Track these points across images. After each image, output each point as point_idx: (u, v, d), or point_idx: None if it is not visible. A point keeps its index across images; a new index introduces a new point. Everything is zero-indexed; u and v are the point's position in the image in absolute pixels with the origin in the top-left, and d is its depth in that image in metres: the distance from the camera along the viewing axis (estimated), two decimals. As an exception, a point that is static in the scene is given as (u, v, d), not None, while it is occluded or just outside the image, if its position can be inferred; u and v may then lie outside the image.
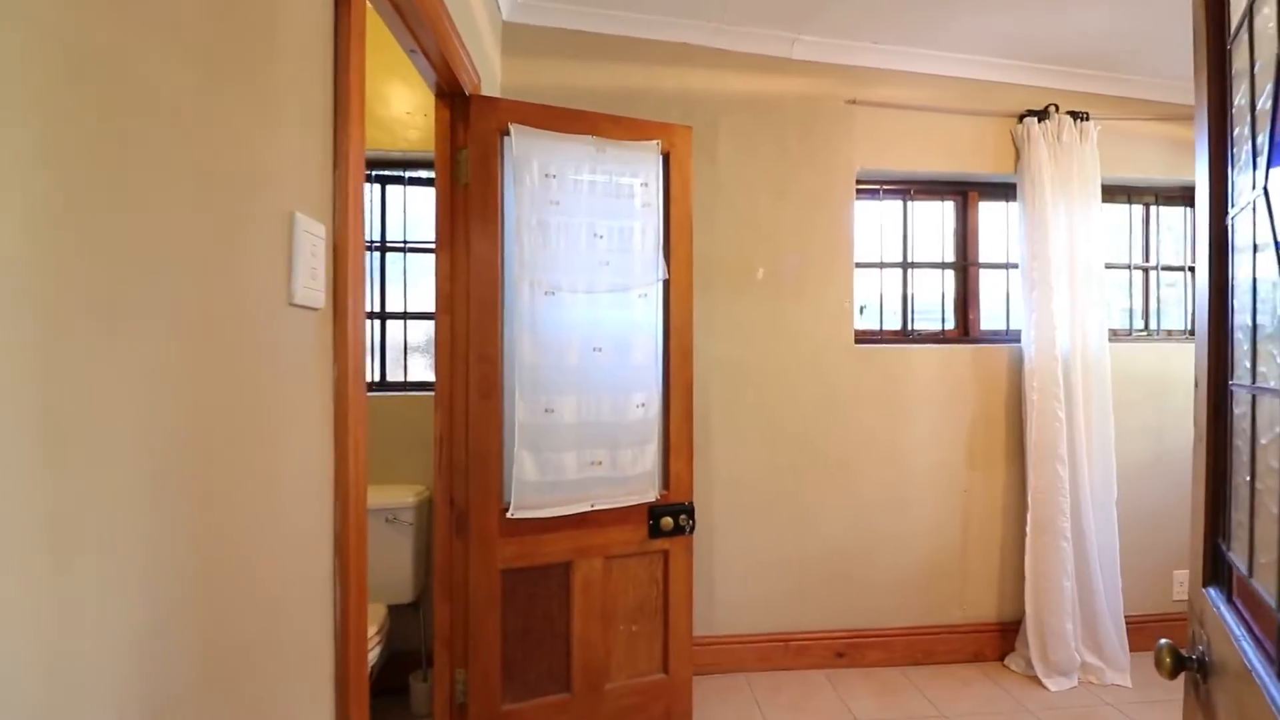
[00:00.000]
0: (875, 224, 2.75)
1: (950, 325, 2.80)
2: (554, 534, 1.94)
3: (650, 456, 2.04)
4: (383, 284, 2.59)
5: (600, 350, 1.98)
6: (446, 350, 1.88)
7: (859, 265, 2.67)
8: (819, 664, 2.57)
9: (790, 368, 2.54)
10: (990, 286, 2.82)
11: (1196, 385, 0.97)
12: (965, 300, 2.80)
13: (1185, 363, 2.86)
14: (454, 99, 1.87)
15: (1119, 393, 2.60)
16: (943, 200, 2.80)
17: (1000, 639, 2.67)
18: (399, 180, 2.59)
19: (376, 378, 2.59)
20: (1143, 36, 2.38)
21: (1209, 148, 0.88)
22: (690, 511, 2.08)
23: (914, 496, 2.63)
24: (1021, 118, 2.61)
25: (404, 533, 2.22)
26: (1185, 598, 2.99)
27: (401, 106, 2.47)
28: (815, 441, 2.56)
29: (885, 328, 2.76)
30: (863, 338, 2.68)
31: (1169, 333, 2.92)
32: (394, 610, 2.23)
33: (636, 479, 2.03)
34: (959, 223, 2.82)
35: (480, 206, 1.86)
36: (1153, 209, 2.91)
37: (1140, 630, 2.62)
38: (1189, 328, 2.93)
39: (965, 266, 2.80)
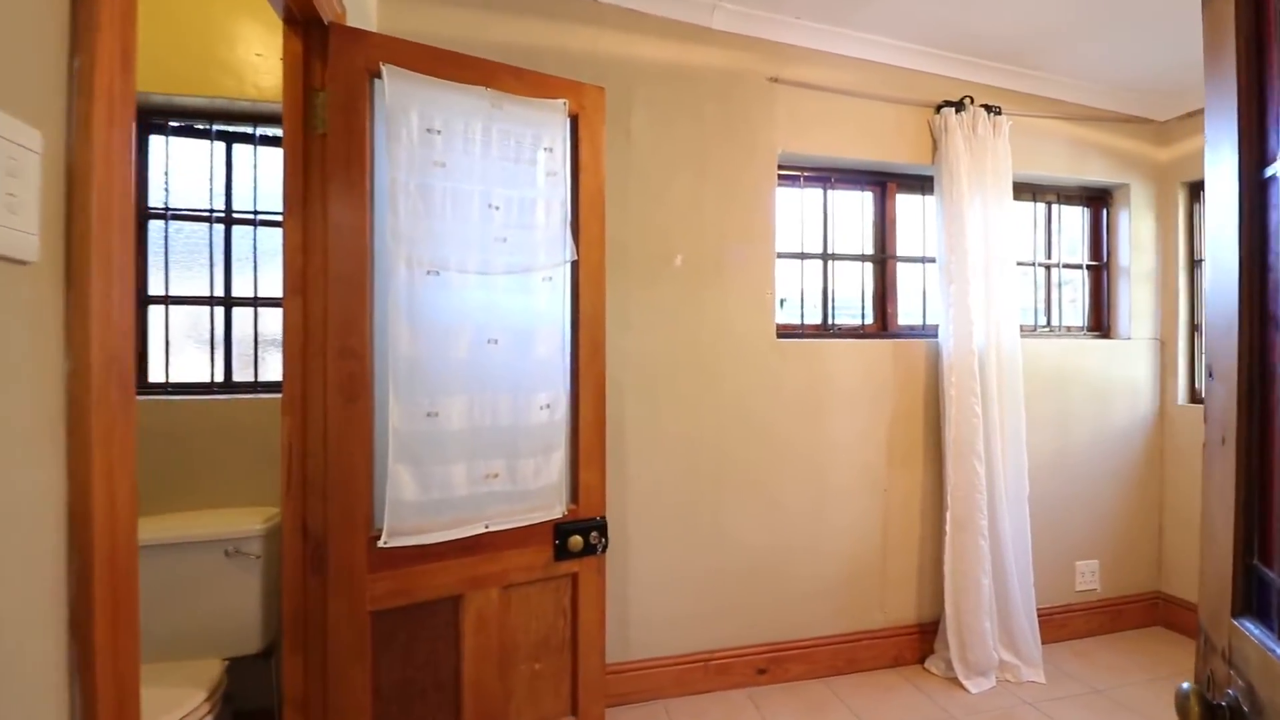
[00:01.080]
0: (796, 212, 2.61)
1: (869, 320, 2.71)
2: (440, 563, 1.61)
3: (556, 466, 1.75)
4: (227, 264, 2.13)
5: (496, 342, 1.67)
6: (298, 341, 1.50)
7: (780, 255, 2.51)
8: (741, 682, 2.38)
9: (711, 363, 2.34)
10: (906, 281, 2.76)
11: (1213, 376, 0.82)
12: (884, 294, 2.72)
13: (1084, 359, 2.95)
14: (308, 28, 1.50)
15: (1025, 387, 2.61)
16: (862, 190, 2.71)
17: (920, 641, 2.60)
18: (247, 139, 2.14)
19: (220, 377, 2.13)
20: (1054, 32, 2.38)
21: (1239, 78, 0.73)
22: (603, 528, 1.82)
23: (836, 498, 2.50)
24: (939, 108, 2.56)
25: (249, 568, 1.81)
26: (1089, 588, 3.13)
27: (250, 47, 2.04)
28: (737, 443, 2.37)
29: (806, 322, 2.62)
30: (785, 331, 2.53)
31: (1068, 329, 3.00)
32: (239, 664, 1.80)
33: (540, 493, 1.73)
34: (878, 214, 2.73)
35: (342, 162, 1.50)
36: (1054, 208, 2.97)
37: (1047, 622, 2.64)
38: (1086, 324, 3.02)
39: (884, 259, 2.72)
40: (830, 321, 2.65)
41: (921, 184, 2.73)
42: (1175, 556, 2.91)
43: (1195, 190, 2.91)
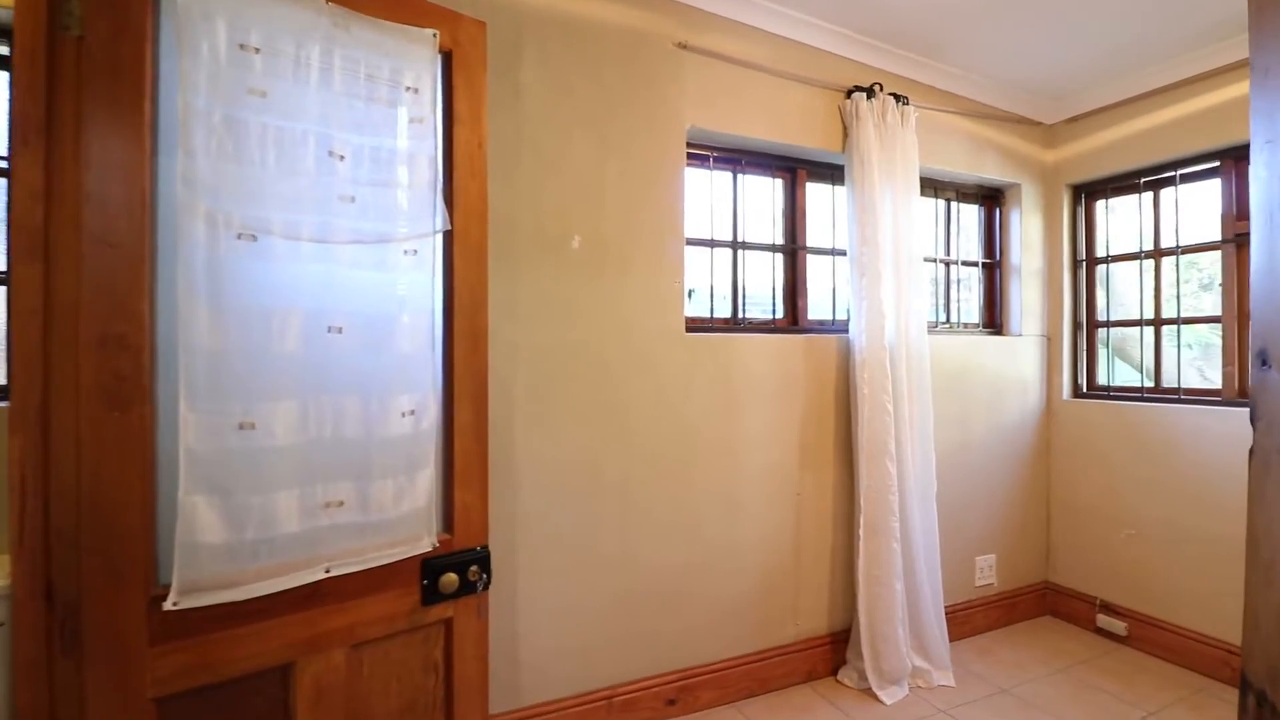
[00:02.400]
0: (705, 196, 2.39)
1: (780, 314, 2.56)
2: (260, 624, 1.22)
3: (424, 487, 1.40)
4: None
5: (340, 331, 1.30)
6: (35, 328, 1.06)
7: (690, 242, 2.28)
8: (649, 717, 2.12)
9: (615, 359, 2.06)
10: (816, 274, 2.63)
11: (1268, 363, 0.65)
12: (795, 287, 2.57)
13: (981, 355, 2.95)
14: (51, -118, 1.06)
15: (930, 384, 2.55)
16: (773, 177, 2.54)
17: (832, 651, 2.47)
18: (-3, 58, 1.60)
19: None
20: (959, 11, 2.32)
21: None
22: (484, 560, 1.48)
23: (750, 507, 2.31)
24: (850, 93, 2.44)
25: (-23, 645, 1.29)
26: (987, 583, 3.16)
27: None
28: (644, 450, 2.11)
29: (716, 315, 2.41)
30: (694, 325, 2.30)
31: (965, 326, 3.01)
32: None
33: (402, 522, 1.37)
34: (788, 203, 2.58)
35: (107, 75, 1.08)
36: (953, 205, 2.97)
37: (951, 620, 2.60)
38: (981, 322, 3.05)
39: (795, 250, 2.57)
40: (741, 315, 2.46)
41: (831, 173, 2.62)
42: (1061, 546, 3.00)
43: (1078, 192, 3.02)
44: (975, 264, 3.03)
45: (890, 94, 2.47)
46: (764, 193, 2.54)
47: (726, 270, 2.45)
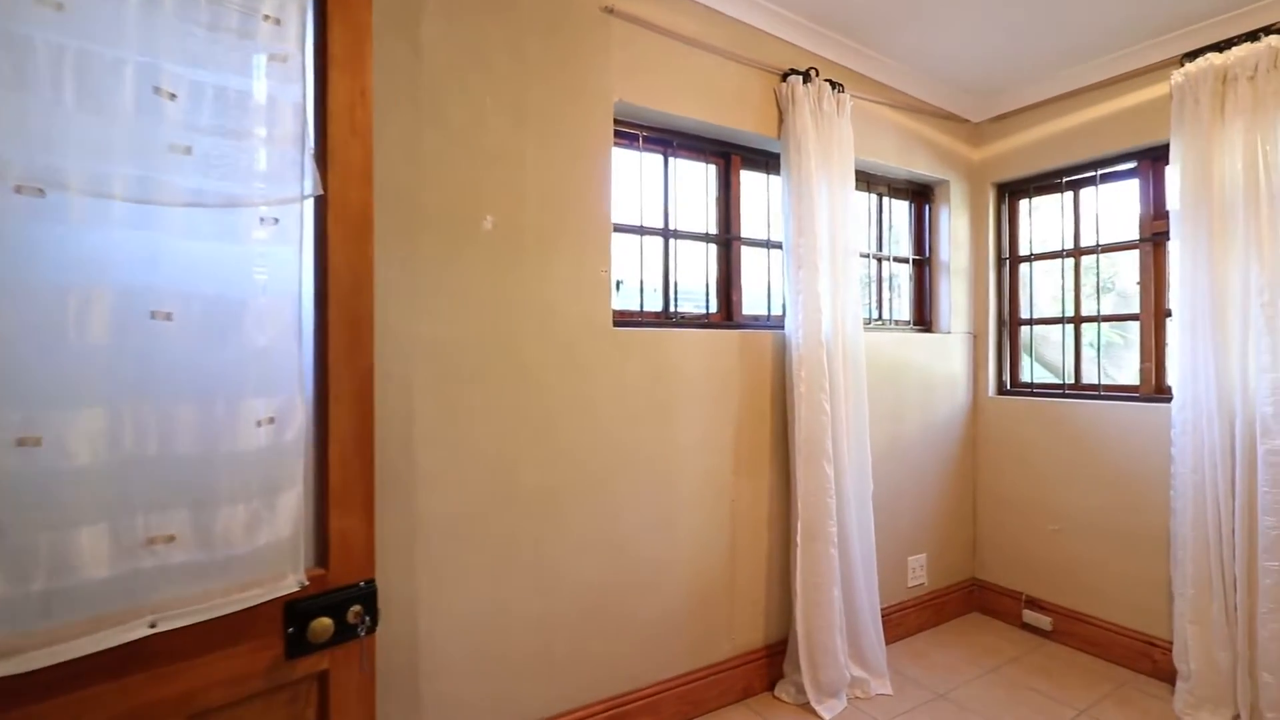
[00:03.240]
0: (634, 179, 2.21)
1: (714, 308, 2.40)
2: (56, 701, 0.93)
3: (287, 513, 1.13)
4: None
5: (170, 318, 1.02)
6: None
7: (617, 229, 2.09)
8: (573, 754, 1.91)
9: (534, 356, 1.84)
10: (750, 267, 2.50)
11: None
12: (729, 280, 2.43)
13: (912, 352, 2.92)
14: None
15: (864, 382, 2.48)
16: (706, 162, 2.39)
17: (768, 665, 2.34)
18: None
19: None
20: (896, 7, 2.24)
21: None
22: (369, 597, 1.23)
23: (681, 515, 2.14)
24: (785, 76, 2.32)
25: None
26: (918, 583, 3.15)
27: None
28: (569, 455, 1.90)
29: (646, 308, 2.23)
30: (622, 319, 2.11)
31: (897, 322, 2.97)
32: None
33: (258, 558, 1.10)
34: (722, 190, 2.44)
35: None
36: (885, 200, 2.93)
37: (885, 624, 2.52)
38: (911, 318, 3.02)
39: (729, 240, 2.42)
40: (673, 309, 2.29)
41: (766, 161, 2.49)
42: (988, 543, 3.01)
43: (1003, 191, 3.04)
44: (906, 260, 3.00)
45: (826, 80, 2.36)
46: (697, 179, 2.39)
47: (657, 260, 2.27)
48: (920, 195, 3.04)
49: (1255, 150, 2.05)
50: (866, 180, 2.81)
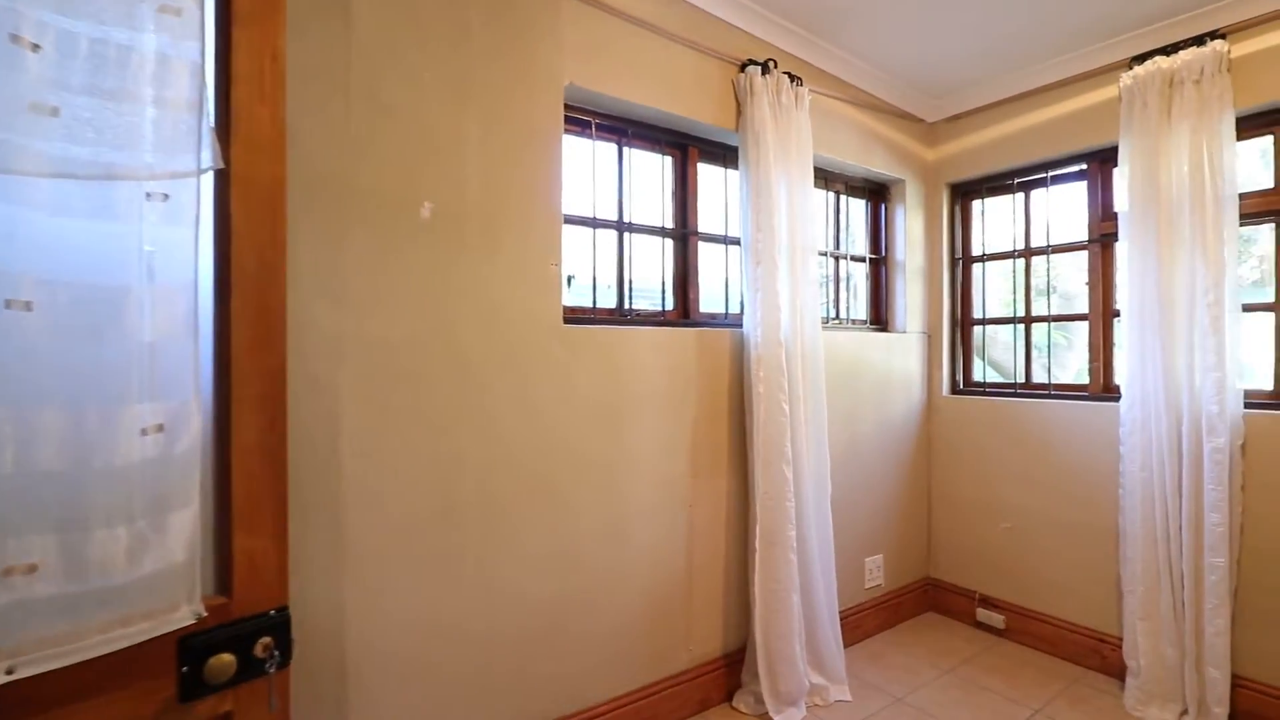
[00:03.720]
0: (587, 168, 2.10)
1: (670, 305, 2.32)
2: None
3: (181, 534, 0.98)
4: None
5: (30, 308, 0.86)
6: None
7: (568, 220, 1.98)
8: (520, 780, 1.79)
9: (477, 354, 1.71)
10: (707, 264, 2.42)
11: None
12: (685, 276, 2.35)
13: (870, 352, 2.89)
14: None
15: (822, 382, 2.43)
16: (662, 153, 2.30)
17: (726, 675, 2.27)
18: None
19: None
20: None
21: None
22: (281, 626, 1.09)
23: (636, 521, 2.05)
24: (744, 66, 2.25)
25: None
26: (875, 584, 3.13)
27: None
28: (514, 461, 1.78)
29: (599, 305, 2.13)
30: (574, 316, 2.01)
31: (854, 322, 2.95)
32: None
33: (143, 587, 0.95)
34: (678, 183, 2.35)
35: None
36: (843, 198, 2.90)
37: (843, 627, 2.48)
38: (868, 318, 3.01)
39: (686, 235, 2.34)
40: (627, 306, 2.19)
41: (724, 154, 2.42)
42: (942, 541, 3.02)
43: (956, 191, 3.05)
44: (863, 259, 2.98)
45: (785, 73, 2.31)
46: (652, 170, 2.29)
47: (611, 255, 2.17)
48: (877, 194, 3.03)
49: (1201, 153, 2.08)
50: (824, 178, 2.77)
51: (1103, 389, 2.57)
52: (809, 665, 2.25)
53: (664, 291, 2.29)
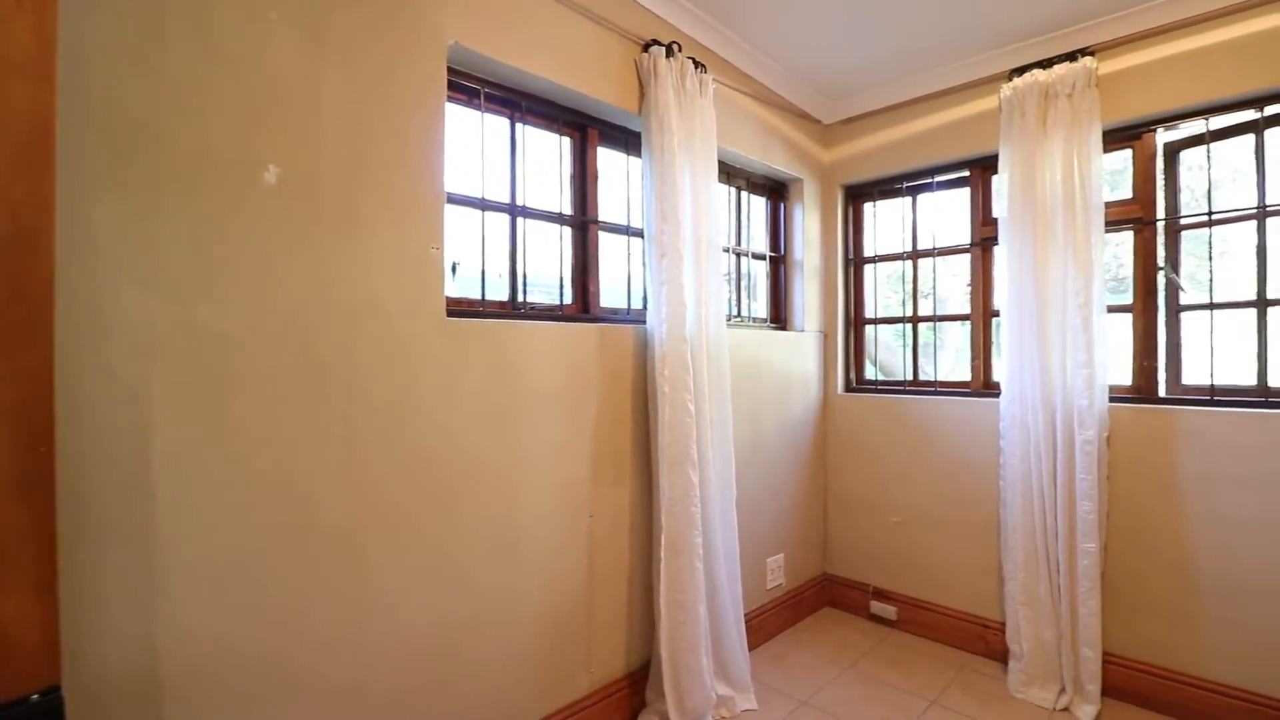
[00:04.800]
0: (475, 143, 1.87)
1: (569, 299, 2.14)
2: None
3: None
4: None
5: None
6: None
7: (452, 200, 1.76)
8: (396, 846, 1.54)
9: (340, 352, 1.44)
10: (608, 256, 2.27)
11: None
12: (585, 267, 2.18)
13: (771, 350, 2.86)
14: None
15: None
16: (559, 134, 2.11)
17: (630, 695, 2.12)
18: None
19: None
20: (760, -16, 2.14)
21: None
22: (49, 714, 0.81)
23: (532, 536, 1.85)
24: (647, 46, 2.12)
25: None
26: (777, 584, 3.12)
27: None
28: (388, 476, 1.52)
29: (489, 297, 1.91)
30: (459, 308, 1.78)
31: (755, 320, 2.91)
32: None
33: None
34: (578, 167, 2.18)
35: None
36: (744, 194, 2.85)
37: (747, 630, 2.43)
38: (768, 316, 2.99)
39: (586, 224, 2.17)
40: (521, 298, 1.99)
41: (626, 140, 2.28)
42: (838, 537, 3.06)
43: (850, 194, 3.11)
44: (764, 257, 2.96)
45: (689, 58, 2.20)
46: (549, 152, 2.10)
47: (503, 241, 1.96)
48: (776, 192, 3.02)
49: (1072, 162, 2.21)
50: (726, 172, 2.71)
51: (983, 386, 2.69)
52: (715, 676, 2.16)
53: (562, 284, 2.11)
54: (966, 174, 2.74)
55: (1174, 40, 2.12)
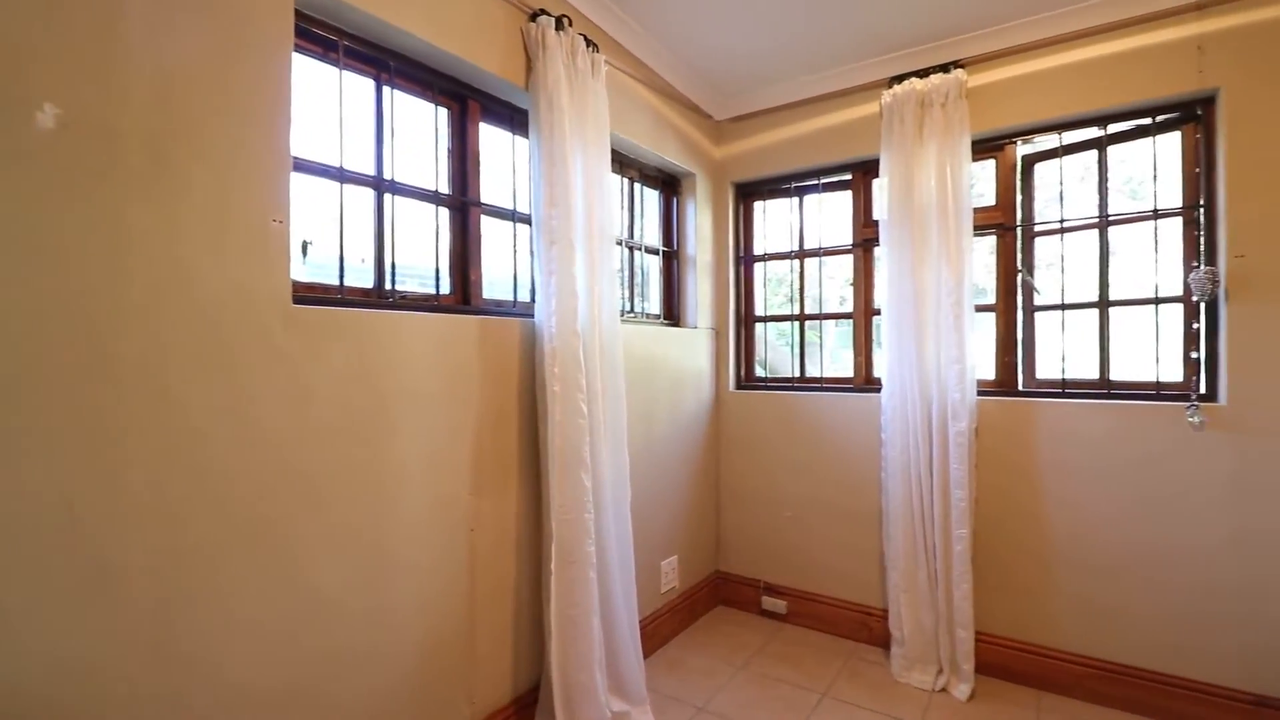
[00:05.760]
0: (331, 103, 1.62)
1: (446, 288, 1.92)
2: None
3: None
4: None
5: None
6: None
7: (301, 166, 1.50)
8: None
9: (142, 344, 1.15)
10: (491, 244, 2.07)
11: None
12: (466, 254, 1.97)
13: (665, 347, 2.77)
14: None
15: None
16: (436, 103, 1.89)
17: (518, 721, 1.95)
18: None
19: None
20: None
21: None
22: None
23: (403, 557, 1.62)
24: (535, 16, 1.95)
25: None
26: (671, 587, 3.04)
27: None
28: (213, 501, 1.24)
29: (349, 283, 1.65)
30: (311, 294, 1.52)
31: (648, 316, 2.83)
32: None
33: None
34: (457, 142, 1.97)
35: None
36: (637, 186, 2.75)
37: (642, 637, 2.33)
38: (661, 312, 2.91)
39: (467, 206, 1.97)
40: (390, 285, 1.75)
41: (511, 116, 2.10)
42: (730, 535, 3.05)
43: (740, 191, 3.11)
44: (657, 251, 2.88)
45: (581, 34, 2.06)
46: (423, 122, 1.88)
47: (368, 220, 1.71)
48: (669, 186, 2.96)
49: (945, 169, 2.32)
50: (619, 161, 2.60)
51: (865, 381, 2.78)
52: (610, 692, 2.03)
53: (439, 272, 1.89)
54: (849, 177, 2.82)
55: (1031, 59, 2.29)
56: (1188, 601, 2.03)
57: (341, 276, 1.61)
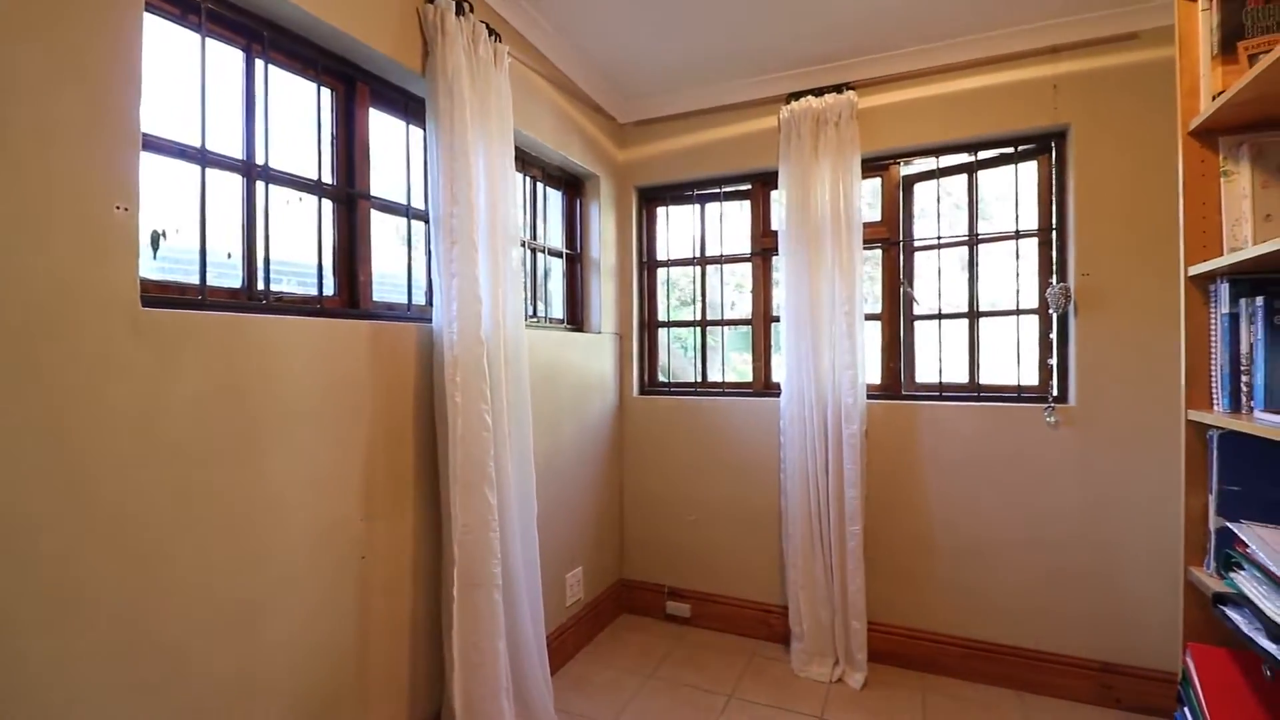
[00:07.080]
0: (190, 72, 1.39)
1: (331, 289, 1.73)
2: None
3: None
4: None
5: None
6: None
7: (151, 145, 1.27)
8: None
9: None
10: (382, 242, 1.90)
11: None
12: (353, 252, 1.79)
13: (570, 353, 2.70)
14: None
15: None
16: (319, 83, 1.69)
17: (415, 761, 1.79)
18: None
19: None
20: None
21: None
22: None
23: (280, 595, 1.43)
24: (432, -4, 1.81)
25: None
26: (575, 599, 2.94)
27: None
28: (18, 553, 1.01)
29: (213, 281, 1.43)
30: (165, 295, 1.30)
31: (552, 320, 2.73)
32: None
33: None
34: (342, 127, 1.78)
35: None
36: (540, 186, 2.65)
37: (549, 656, 2.24)
38: (565, 317, 2.83)
39: (354, 198, 1.78)
40: (263, 285, 1.54)
41: (406, 104, 1.94)
42: (633, 541, 3.03)
43: (644, 196, 3.09)
44: (561, 254, 2.79)
45: (483, 22, 1.94)
46: (305, 104, 1.68)
47: (236, 211, 1.49)
48: (573, 187, 2.88)
49: (839, 185, 2.43)
50: (521, 160, 2.48)
51: (764, 386, 2.87)
52: (518, 719, 1.92)
53: (322, 270, 1.69)
54: (749, 187, 2.89)
55: (913, 87, 2.46)
56: (1046, 581, 2.27)
57: (203, 274, 1.39)
